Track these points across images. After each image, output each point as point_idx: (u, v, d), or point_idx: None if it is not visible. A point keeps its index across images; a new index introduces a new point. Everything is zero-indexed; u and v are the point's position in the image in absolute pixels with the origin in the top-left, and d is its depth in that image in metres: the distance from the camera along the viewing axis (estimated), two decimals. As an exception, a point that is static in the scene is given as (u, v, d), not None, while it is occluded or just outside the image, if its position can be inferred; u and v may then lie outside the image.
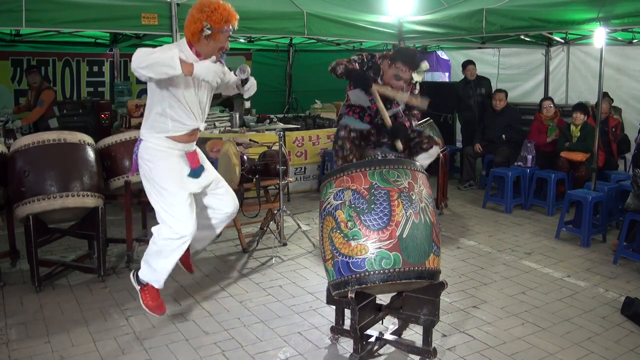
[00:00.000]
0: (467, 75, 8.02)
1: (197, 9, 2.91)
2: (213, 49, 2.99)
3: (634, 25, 5.24)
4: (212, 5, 2.90)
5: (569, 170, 6.45)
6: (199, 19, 2.89)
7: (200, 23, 2.88)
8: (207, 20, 2.87)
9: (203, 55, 3.02)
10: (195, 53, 3.00)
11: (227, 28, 2.94)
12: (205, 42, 2.95)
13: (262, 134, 6.56)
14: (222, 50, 3.03)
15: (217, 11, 2.89)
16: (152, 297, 3.23)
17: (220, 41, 2.97)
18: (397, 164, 2.92)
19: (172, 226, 3.08)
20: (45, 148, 3.99)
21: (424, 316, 3.01)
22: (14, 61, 8.00)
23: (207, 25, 2.88)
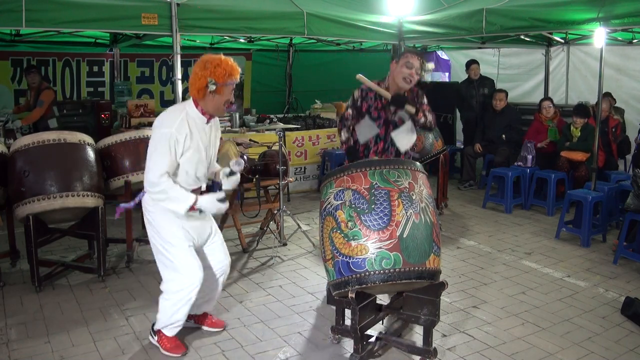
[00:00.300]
0: (471, 75, 8.02)
1: (199, 67, 2.99)
2: (219, 103, 3.05)
3: (634, 25, 5.24)
4: (215, 61, 2.97)
5: (569, 170, 6.45)
6: (202, 75, 2.96)
7: (204, 79, 2.96)
8: (211, 76, 2.95)
9: (209, 112, 3.08)
10: (201, 111, 3.06)
11: (230, 82, 3.01)
12: (210, 97, 3.01)
13: (262, 134, 6.57)
14: (227, 102, 3.09)
15: (220, 66, 2.96)
16: (169, 340, 3.23)
17: (225, 95, 3.04)
18: (397, 164, 2.92)
19: (178, 279, 3.09)
20: (45, 148, 3.99)
21: (425, 316, 3.01)
22: (14, 61, 7.99)
23: (211, 80, 2.95)
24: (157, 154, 2.93)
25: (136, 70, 8.93)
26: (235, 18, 5.84)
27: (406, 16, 7.08)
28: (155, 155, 2.94)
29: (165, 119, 2.99)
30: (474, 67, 8.02)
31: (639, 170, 4.74)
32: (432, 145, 6.11)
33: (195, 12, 5.59)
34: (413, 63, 3.55)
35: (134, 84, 8.78)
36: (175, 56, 5.63)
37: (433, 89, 9.28)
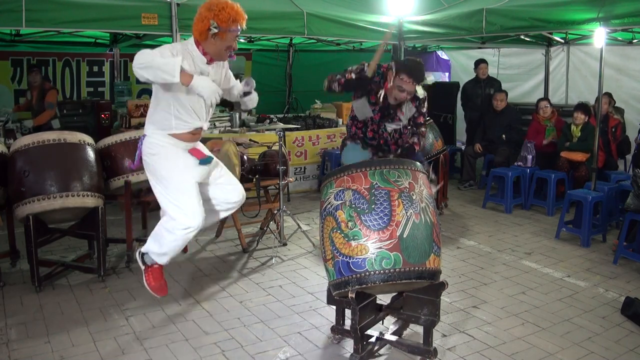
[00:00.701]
0: (479, 74, 8.01)
1: (205, 7, 2.93)
2: (220, 48, 2.99)
3: (634, 25, 5.24)
4: (221, 4, 2.91)
5: (569, 170, 6.45)
6: (206, 17, 2.90)
7: (207, 21, 2.89)
8: (214, 19, 2.88)
9: (210, 55, 3.02)
10: (202, 52, 3.01)
11: (234, 28, 2.94)
12: (212, 41, 2.95)
13: (262, 134, 6.57)
14: (230, 49, 3.03)
15: (225, 10, 2.89)
16: (155, 277, 3.23)
17: (227, 40, 2.97)
18: (397, 164, 2.91)
19: (178, 218, 3.08)
20: (45, 148, 3.98)
21: (425, 316, 3.01)
22: (14, 61, 7.99)
23: (214, 23, 2.88)
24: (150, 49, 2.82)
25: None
26: (235, 18, 5.83)
27: (406, 16, 7.09)
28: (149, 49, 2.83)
29: (166, 44, 2.96)
30: (482, 66, 8.02)
31: (639, 170, 4.74)
32: (432, 145, 6.12)
33: (196, 11, 5.57)
34: (406, 88, 3.54)
35: (134, 84, 8.77)
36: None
37: (433, 88, 9.30)
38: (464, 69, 10.15)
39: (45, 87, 6.81)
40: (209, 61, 3.06)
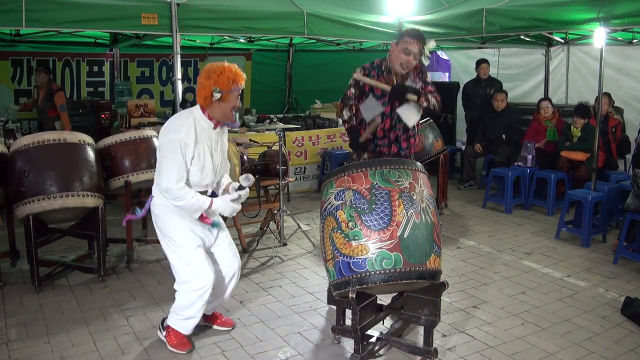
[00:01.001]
0: (480, 74, 8.01)
1: (203, 76, 3.03)
2: (226, 110, 3.09)
3: (634, 25, 5.24)
4: (218, 69, 3.01)
5: (569, 170, 6.45)
6: (207, 85, 3.00)
7: (209, 88, 2.99)
8: (215, 85, 2.98)
9: (216, 119, 3.11)
10: (208, 117, 3.10)
11: (235, 88, 3.04)
12: (217, 105, 3.05)
13: (262, 134, 6.57)
14: (235, 108, 3.12)
15: (224, 74, 2.99)
16: (176, 336, 3.26)
17: (231, 101, 3.07)
18: (398, 164, 2.91)
19: (192, 280, 3.12)
20: (45, 148, 3.98)
21: (425, 316, 3.01)
22: (14, 61, 7.98)
23: (216, 89, 2.98)
24: (168, 161, 2.96)
25: (136, 70, 8.93)
26: (235, 18, 5.84)
27: (406, 16, 7.08)
28: (166, 162, 2.97)
29: (173, 125, 3.03)
30: (484, 65, 8.02)
31: (639, 170, 4.74)
32: (432, 145, 6.12)
33: (195, 12, 5.59)
34: (411, 49, 3.46)
35: (134, 84, 8.78)
36: (175, 56, 5.63)
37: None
38: (464, 69, 10.15)
39: (53, 88, 6.80)
40: (215, 125, 3.15)
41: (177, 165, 2.95)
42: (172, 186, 2.95)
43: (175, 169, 2.95)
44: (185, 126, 2.99)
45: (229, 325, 3.50)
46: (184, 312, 3.19)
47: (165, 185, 2.97)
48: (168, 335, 3.26)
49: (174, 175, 2.95)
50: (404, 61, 3.50)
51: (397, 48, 3.53)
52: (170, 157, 2.96)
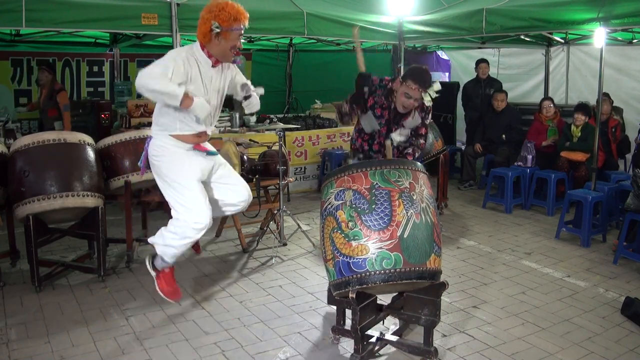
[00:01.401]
0: (480, 74, 8.00)
1: (205, 10, 3.00)
2: (224, 48, 3.03)
3: (634, 25, 5.24)
4: (220, 4, 2.96)
5: (569, 170, 6.45)
6: (207, 19, 2.96)
7: (208, 23, 2.95)
8: (215, 19, 2.94)
9: (215, 57, 3.07)
10: (207, 54, 3.06)
11: (236, 26, 2.99)
12: (216, 42, 3.00)
13: (262, 134, 6.56)
14: (234, 48, 3.06)
15: (225, 10, 2.95)
16: (168, 282, 3.27)
17: (231, 40, 3.01)
18: (398, 164, 2.91)
19: (189, 219, 3.12)
20: (45, 148, 3.98)
21: (425, 316, 3.01)
22: (14, 61, 7.98)
23: (215, 23, 2.94)
24: (153, 64, 2.92)
25: (136, 70, 8.91)
26: (235, 18, 5.83)
27: (406, 16, 7.09)
28: (152, 65, 2.92)
29: (171, 50, 3.04)
30: (482, 65, 8.01)
31: (639, 170, 4.74)
32: (432, 145, 6.11)
33: (195, 12, 5.52)
34: (412, 95, 3.50)
35: (134, 84, 8.77)
36: (175, 56, 5.62)
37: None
38: (464, 69, 10.15)
39: (55, 87, 6.79)
40: (214, 64, 3.11)
41: (163, 68, 2.89)
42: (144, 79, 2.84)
43: (156, 69, 2.88)
44: (181, 52, 2.99)
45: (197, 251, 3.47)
46: (169, 236, 3.17)
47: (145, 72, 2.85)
48: (159, 278, 3.25)
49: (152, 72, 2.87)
50: (405, 104, 3.55)
51: (400, 88, 3.54)
52: (158, 63, 2.92)
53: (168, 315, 3.67)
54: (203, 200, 3.13)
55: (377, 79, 3.68)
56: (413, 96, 3.49)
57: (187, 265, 4.60)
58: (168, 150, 3.13)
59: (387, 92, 3.64)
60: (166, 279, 3.28)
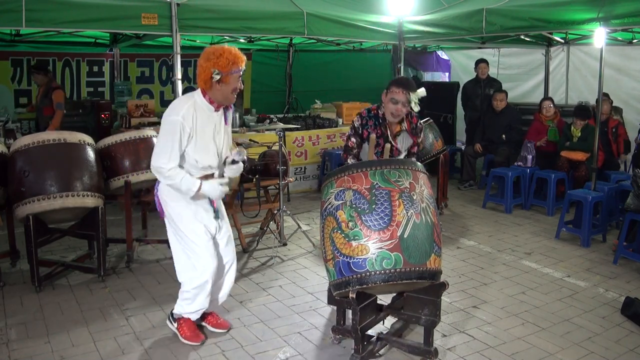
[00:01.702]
0: (479, 74, 8.00)
1: (203, 58, 3.04)
2: (226, 92, 3.10)
3: (634, 25, 5.24)
4: (217, 51, 3.02)
5: (569, 170, 6.45)
6: (206, 67, 3.01)
7: (208, 71, 3.01)
8: (214, 67, 3.00)
9: (217, 102, 3.13)
10: (208, 100, 3.11)
11: (235, 69, 3.05)
12: (217, 87, 3.06)
13: (262, 134, 6.57)
14: (235, 91, 3.13)
15: (223, 56, 3.01)
16: (189, 327, 3.33)
17: (231, 83, 3.07)
18: (398, 164, 2.91)
19: (192, 270, 3.19)
20: (45, 148, 3.98)
21: (425, 316, 3.01)
22: (14, 61, 7.98)
23: (215, 70, 3.00)
24: (162, 141, 3.01)
25: (136, 70, 8.92)
26: (235, 18, 5.84)
27: (406, 16, 7.08)
28: (161, 142, 3.02)
29: (173, 107, 3.07)
30: (482, 65, 8.01)
31: (639, 170, 4.74)
32: (432, 145, 6.11)
33: (195, 12, 5.59)
34: (398, 99, 3.51)
35: (134, 84, 8.77)
36: (175, 56, 5.63)
37: (433, 88, 9.29)
38: (464, 69, 10.15)
39: (52, 86, 6.79)
40: (217, 109, 3.16)
41: (171, 147, 2.98)
42: (163, 166, 2.99)
43: (169, 150, 2.98)
44: (184, 109, 3.02)
45: (225, 327, 3.49)
46: (188, 302, 3.26)
47: (156, 164, 3.01)
48: (180, 327, 3.31)
49: (166, 156, 2.98)
50: (393, 110, 3.57)
51: (386, 97, 3.59)
52: (165, 138, 3.00)
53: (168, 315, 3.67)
54: (208, 252, 3.18)
55: (364, 111, 3.71)
56: (399, 100, 3.50)
57: (187, 265, 4.59)
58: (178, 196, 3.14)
59: (379, 119, 3.66)
60: (187, 325, 3.32)
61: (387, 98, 3.57)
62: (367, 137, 3.67)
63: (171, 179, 3.02)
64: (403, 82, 3.56)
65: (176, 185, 3.04)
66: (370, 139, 3.62)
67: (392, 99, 3.53)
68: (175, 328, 3.35)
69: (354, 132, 3.68)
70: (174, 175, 3.01)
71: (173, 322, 3.38)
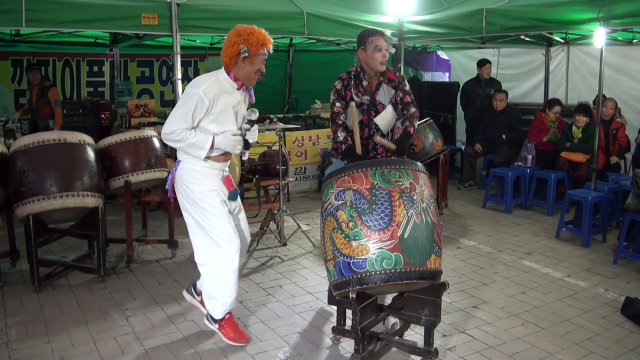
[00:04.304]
0: (483, 74, 7.98)
1: (233, 33, 3.05)
2: (250, 72, 3.11)
3: (634, 25, 5.24)
4: (248, 29, 3.03)
5: (569, 170, 6.45)
6: (236, 42, 3.01)
7: (237, 46, 3.01)
8: (244, 43, 3.00)
9: (240, 80, 3.14)
10: (233, 78, 3.12)
11: (262, 51, 3.07)
12: (242, 65, 3.07)
13: (262, 134, 6.55)
14: (259, 72, 3.14)
15: (254, 35, 3.02)
16: (232, 328, 3.31)
17: (256, 64, 3.09)
18: (398, 164, 2.91)
19: (220, 245, 3.13)
20: (45, 148, 3.98)
21: (426, 317, 3.01)
22: (14, 61, 7.99)
23: (244, 47, 3.00)
24: (180, 109, 3.01)
25: (136, 70, 8.93)
26: (235, 18, 5.83)
27: (406, 16, 7.09)
28: (178, 109, 3.01)
29: (195, 81, 3.07)
30: (488, 66, 8.00)
31: (639, 170, 4.74)
32: (432, 145, 6.11)
33: (195, 12, 5.59)
34: (381, 45, 3.55)
35: (134, 84, 8.78)
36: (175, 56, 5.64)
37: (433, 88, 9.30)
38: (464, 69, 10.16)
39: (45, 85, 6.80)
40: (239, 87, 3.17)
41: (184, 116, 2.98)
42: (176, 128, 2.97)
43: (181, 118, 2.98)
44: (206, 83, 3.02)
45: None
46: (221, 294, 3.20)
47: (168, 130, 2.99)
48: (222, 328, 3.29)
49: (178, 123, 2.97)
50: (380, 58, 3.58)
51: (367, 52, 3.59)
52: (181, 108, 3.00)
53: (168, 315, 3.67)
54: (232, 228, 3.16)
55: (344, 74, 3.72)
56: (382, 46, 3.55)
57: (187, 265, 4.60)
58: (201, 174, 3.13)
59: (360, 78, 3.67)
60: (230, 326, 3.30)
61: (369, 50, 3.57)
62: (350, 99, 3.68)
63: (183, 141, 2.99)
64: (376, 30, 3.64)
65: (189, 142, 3.00)
66: (351, 108, 3.61)
67: (376, 47, 3.55)
68: (217, 329, 3.31)
69: (337, 96, 3.68)
70: (185, 137, 2.98)
71: (214, 322, 3.33)
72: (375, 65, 3.59)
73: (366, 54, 3.59)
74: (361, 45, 3.61)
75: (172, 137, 3.00)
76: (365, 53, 3.59)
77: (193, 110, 2.98)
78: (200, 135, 3.03)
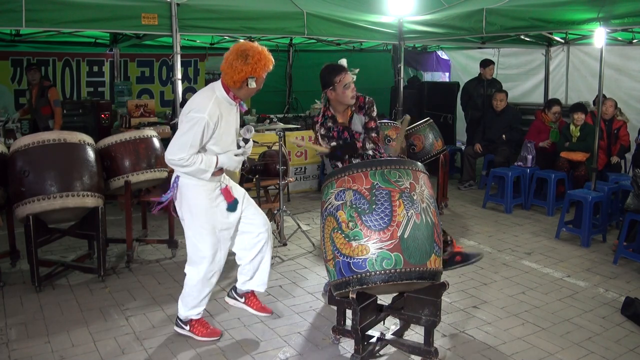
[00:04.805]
0: (486, 75, 7.97)
1: (241, 61, 2.98)
2: (252, 92, 3.13)
3: (634, 25, 5.24)
4: (255, 54, 3.00)
5: (569, 170, 6.45)
6: (243, 70, 2.99)
7: (245, 75, 3.00)
8: (252, 74, 3.00)
9: (240, 98, 3.16)
10: (232, 97, 3.12)
11: (266, 73, 3.09)
12: (246, 88, 3.08)
13: (262, 134, 6.56)
14: (258, 90, 3.15)
15: (261, 62, 3.01)
16: (203, 326, 3.36)
17: (259, 84, 3.11)
18: (398, 164, 2.91)
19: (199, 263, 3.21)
20: (45, 148, 3.98)
21: (426, 317, 3.01)
22: (14, 61, 7.99)
23: (252, 77, 3.02)
24: (185, 137, 2.98)
25: (136, 70, 8.93)
26: (235, 18, 5.84)
27: (406, 16, 7.09)
28: (184, 138, 2.98)
29: (198, 104, 3.02)
30: (491, 67, 8.00)
31: (639, 170, 4.74)
32: (432, 145, 6.12)
33: (195, 12, 5.59)
34: (348, 81, 3.63)
35: (134, 84, 8.78)
36: (175, 56, 5.63)
37: (433, 88, 9.30)
38: (464, 69, 10.16)
39: (45, 85, 6.80)
40: (236, 102, 3.19)
41: (192, 142, 2.96)
42: (184, 155, 2.95)
43: (188, 146, 2.96)
44: (209, 107, 3.00)
45: (268, 312, 3.57)
46: (189, 299, 3.26)
47: (175, 157, 2.97)
48: (193, 327, 3.32)
49: (186, 150, 2.96)
50: (350, 94, 3.68)
51: (336, 91, 3.66)
52: (187, 134, 2.97)
53: (168, 315, 3.67)
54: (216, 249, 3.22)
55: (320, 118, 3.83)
56: (349, 82, 3.63)
57: (187, 265, 4.60)
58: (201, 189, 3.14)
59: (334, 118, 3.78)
60: (200, 325, 3.35)
61: (339, 89, 3.64)
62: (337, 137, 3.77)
63: (191, 165, 2.99)
64: (339, 67, 3.70)
65: (197, 167, 3.00)
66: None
67: (345, 85, 3.63)
68: (188, 330, 3.34)
69: (327, 140, 3.75)
70: (193, 161, 2.98)
71: (184, 325, 3.36)
72: (347, 101, 3.70)
73: (336, 93, 3.68)
74: (329, 87, 3.68)
75: (181, 162, 2.99)
76: (335, 92, 3.68)
77: (201, 135, 2.98)
78: (206, 158, 3.04)
